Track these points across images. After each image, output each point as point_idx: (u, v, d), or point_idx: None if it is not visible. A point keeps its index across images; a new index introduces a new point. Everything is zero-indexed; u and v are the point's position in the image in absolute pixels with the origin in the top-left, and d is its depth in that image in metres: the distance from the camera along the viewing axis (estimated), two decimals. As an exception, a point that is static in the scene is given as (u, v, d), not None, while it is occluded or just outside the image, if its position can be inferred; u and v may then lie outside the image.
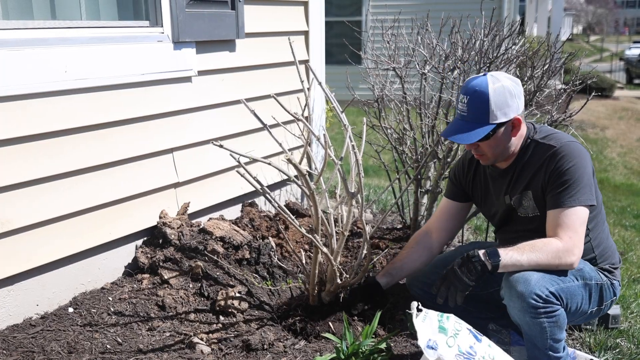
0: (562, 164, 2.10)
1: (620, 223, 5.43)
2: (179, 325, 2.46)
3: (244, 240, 2.92)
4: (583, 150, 2.14)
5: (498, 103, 2.10)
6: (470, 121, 2.15)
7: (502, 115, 2.11)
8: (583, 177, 2.07)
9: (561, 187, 2.08)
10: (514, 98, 2.12)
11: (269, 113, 2.50)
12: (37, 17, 2.50)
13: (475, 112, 2.13)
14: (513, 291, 2.04)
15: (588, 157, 2.14)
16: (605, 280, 2.22)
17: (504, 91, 2.10)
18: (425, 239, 2.51)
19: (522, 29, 4.68)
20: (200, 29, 2.98)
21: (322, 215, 2.41)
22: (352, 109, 7.11)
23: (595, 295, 2.19)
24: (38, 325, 2.38)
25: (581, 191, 2.06)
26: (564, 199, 2.07)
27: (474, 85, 2.14)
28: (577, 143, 2.16)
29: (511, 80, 2.15)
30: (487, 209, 2.50)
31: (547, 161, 2.14)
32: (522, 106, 2.16)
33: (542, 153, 2.17)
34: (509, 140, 2.19)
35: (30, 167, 2.35)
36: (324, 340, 2.33)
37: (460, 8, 4.01)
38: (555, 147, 2.13)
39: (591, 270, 2.19)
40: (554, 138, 2.18)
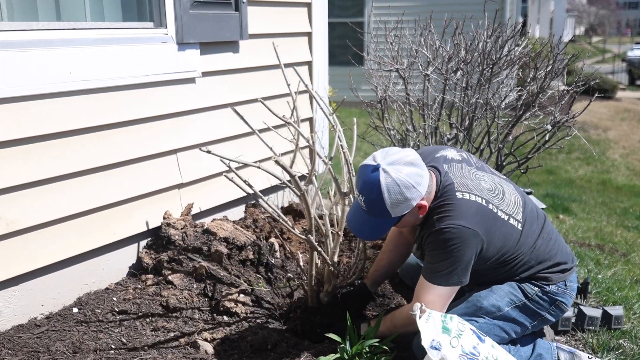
0: (434, 245, 2.08)
1: (623, 224, 5.42)
2: (183, 325, 2.47)
3: (247, 241, 2.93)
4: (462, 237, 2.03)
5: (394, 202, 2.03)
6: (373, 215, 2.10)
7: (404, 208, 2.06)
8: (450, 263, 2.04)
9: (430, 260, 2.11)
10: (412, 189, 2.02)
11: (272, 115, 2.51)
12: (42, 18, 2.51)
13: (375, 211, 2.08)
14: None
15: (465, 245, 2.03)
16: (533, 293, 2.21)
17: (400, 189, 2.01)
18: (400, 237, 2.54)
19: (524, 31, 4.69)
20: (204, 30, 2.99)
21: (315, 216, 2.42)
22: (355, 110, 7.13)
23: (521, 316, 2.22)
24: (43, 325, 2.39)
25: (445, 274, 2.06)
26: (429, 273, 2.11)
27: (366, 184, 2.05)
28: (460, 228, 2.03)
29: (407, 165, 2.03)
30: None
31: (427, 235, 2.12)
32: (424, 186, 2.06)
33: (428, 224, 2.12)
34: (417, 217, 2.14)
35: (35, 167, 2.37)
36: (327, 341, 2.34)
37: (463, 9, 4.00)
38: (435, 227, 2.07)
39: (500, 299, 2.20)
40: (442, 212, 2.08)
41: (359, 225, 2.17)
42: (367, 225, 2.14)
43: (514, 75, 3.45)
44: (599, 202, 6.51)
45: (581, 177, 7.90)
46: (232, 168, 2.14)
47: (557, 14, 23.21)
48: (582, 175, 8.04)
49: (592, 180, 7.79)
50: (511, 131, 3.25)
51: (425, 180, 2.08)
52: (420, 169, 2.07)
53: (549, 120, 3.14)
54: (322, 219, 2.46)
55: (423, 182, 2.06)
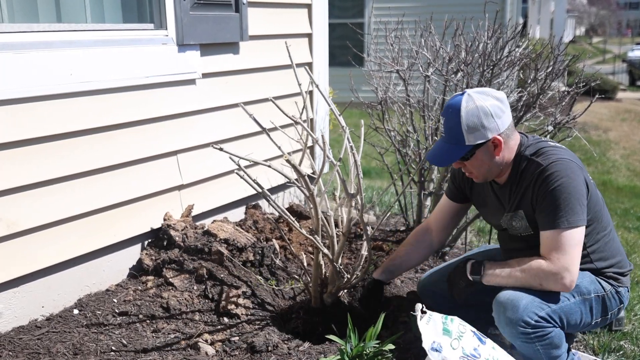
0: (548, 185, 2.03)
1: (624, 225, 5.41)
2: (184, 326, 2.47)
3: (247, 242, 2.93)
4: (572, 167, 2.06)
5: (471, 125, 2.03)
6: (448, 142, 2.11)
7: (477, 137, 2.05)
8: (570, 197, 2.00)
9: (548, 208, 2.03)
10: (491, 118, 2.03)
11: (275, 116, 2.51)
12: (43, 20, 2.51)
13: (451, 134, 2.08)
14: (502, 317, 2.04)
15: (577, 173, 2.05)
16: (609, 289, 2.17)
17: (478, 112, 2.03)
18: (425, 237, 2.52)
19: (525, 31, 4.69)
20: (204, 32, 2.99)
21: (322, 217, 2.42)
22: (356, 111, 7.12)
23: (597, 307, 2.16)
24: (43, 326, 2.39)
25: (569, 213, 2.00)
26: (552, 221, 2.02)
27: (449, 106, 2.09)
28: (567, 160, 2.06)
29: (491, 97, 2.06)
30: (486, 218, 2.50)
31: (534, 180, 2.07)
32: (504, 124, 2.07)
33: (531, 171, 2.10)
34: (492, 159, 2.12)
35: (35, 169, 2.37)
36: (328, 342, 2.34)
37: (463, 10, 4.01)
38: (542, 165, 2.06)
39: (590, 284, 2.15)
40: (543, 154, 2.09)
41: (433, 151, 2.18)
42: (440, 151, 2.14)
43: (514, 76, 3.44)
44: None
45: (582, 178, 7.87)
46: (241, 167, 2.13)
47: (558, 14, 23.21)
48: (582, 176, 8.01)
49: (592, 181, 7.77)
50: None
51: (507, 119, 2.09)
52: (504, 106, 2.08)
53: (550, 121, 3.14)
54: (327, 220, 2.46)
55: (504, 117, 2.08)
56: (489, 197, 2.33)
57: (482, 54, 3.14)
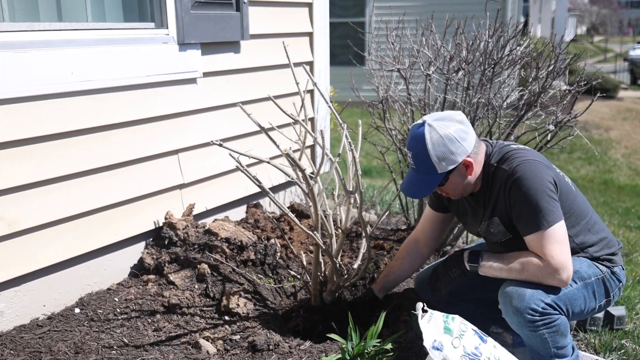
0: (518, 189, 2.05)
1: (625, 224, 5.41)
2: (185, 325, 2.47)
3: (249, 241, 2.93)
4: (537, 167, 2.08)
5: (440, 155, 2.06)
6: (420, 174, 2.14)
7: (448, 163, 2.08)
8: (542, 196, 2.02)
9: (524, 213, 2.05)
10: (457, 143, 2.07)
11: (275, 114, 2.51)
12: (44, 19, 2.51)
13: (422, 166, 2.11)
14: (508, 306, 2.05)
15: (543, 171, 2.07)
16: (605, 270, 2.20)
17: (444, 141, 2.05)
18: (415, 249, 2.54)
19: (526, 30, 4.68)
20: (205, 31, 2.99)
21: (321, 214, 2.42)
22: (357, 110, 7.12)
23: (599, 290, 2.19)
24: (45, 325, 2.39)
25: (546, 212, 2.02)
26: (532, 225, 2.04)
27: (413, 138, 2.11)
28: (529, 160, 2.09)
29: (452, 122, 2.09)
30: (466, 228, 2.52)
31: (503, 187, 2.11)
32: (470, 144, 2.10)
33: (498, 179, 2.13)
34: (465, 179, 2.15)
35: (36, 168, 2.37)
36: (329, 341, 2.34)
37: (464, 9, 4.00)
38: (508, 171, 2.09)
39: (588, 267, 2.17)
40: (508, 160, 2.13)
41: (407, 184, 2.20)
42: (415, 183, 2.17)
43: (515, 75, 3.44)
44: (601, 202, 6.50)
45: (583, 177, 7.89)
46: (240, 163, 2.13)
47: (559, 13, 23.19)
48: (584, 175, 8.02)
49: (594, 180, 7.78)
50: (513, 131, 3.25)
51: (471, 139, 2.11)
52: (466, 127, 2.11)
53: (551, 120, 3.14)
54: (326, 219, 2.46)
55: (469, 139, 2.10)
56: (465, 208, 2.35)
57: (483, 53, 3.14)
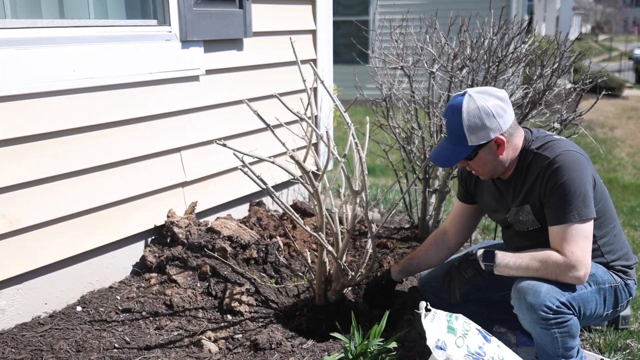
0: (556, 178, 2.01)
1: (630, 223, 5.38)
2: (187, 324, 2.46)
3: (251, 240, 2.92)
4: (579, 159, 2.05)
5: (472, 126, 2.02)
6: (450, 143, 2.10)
7: (480, 137, 2.04)
8: (579, 190, 1.99)
9: (559, 202, 2.01)
10: (493, 118, 2.02)
11: (277, 112, 2.50)
12: (46, 16, 2.51)
13: (453, 134, 2.07)
14: (522, 302, 2.02)
15: (585, 166, 2.04)
16: (619, 281, 2.18)
17: (479, 113, 2.01)
18: (443, 239, 2.50)
19: (530, 28, 4.66)
20: (208, 28, 2.98)
21: (326, 214, 2.40)
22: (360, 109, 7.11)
23: (610, 298, 2.16)
24: (46, 323, 2.38)
25: (579, 206, 1.99)
26: (562, 215, 2.00)
27: (450, 107, 2.08)
28: (573, 152, 2.05)
29: (493, 97, 2.04)
30: (491, 215, 2.48)
31: (541, 174, 2.06)
32: (507, 123, 2.06)
33: (537, 165, 2.08)
34: (496, 158, 2.10)
35: (37, 165, 2.36)
36: (331, 340, 2.33)
37: (468, 7, 3.98)
38: (550, 158, 2.04)
39: (604, 274, 2.15)
40: (550, 147, 2.08)
41: (437, 152, 2.16)
42: (443, 152, 2.13)
43: (520, 73, 3.42)
44: (606, 201, 6.46)
45: (588, 176, 7.83)
46: (245, 163, 2.12)
47: (564, 11, 23.12)
48: (588, 174, 7.97)
49: (598, 179, 7.73)
50: (517, 129, 3.22)
51: (509, 117, 2.07)
52: (506, 105, 2.07)
53: (556, 118, 3.12)
54: (331, 217, 2.45)
55: (506, 117, 2.06)
56: (493, 194, 2.31)
57: (487, 51, 3.12)
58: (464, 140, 2.06)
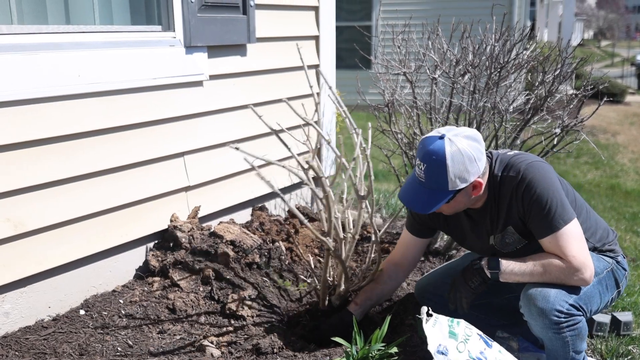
0: (529, 193, 2.03)
1: (632, 229, 5.38)
2: (190, 328, 2.47)
3: (254, 244, 2.93)
4: (542, 167, 2.08)
5: (457, 172, 2.01)
6: (428, 188, 2.07)
7: (461, 182, 2.03)
8: (554, 196, 2.01)
9: (540, 214, 2.03)
10: (474, 162, 2.02)
11: (281, 118, 2.52)
12: (52, 22, 2.53)
13: (433, 180, 2.04)
14: (533, 308, 2.02)
15: (549, 171, 2.08)
16: (612, 261, 2.20)
17: (463, 158, 2.00)
18: (396, 271, 2.53)
19: (532, 34, 4.67)
20: (212, 34, 3.00)
21: (334, 218, 2.42)
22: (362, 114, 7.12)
23: (610, 283, 2.19)
24: (50, 327, 2.39)
25: (560, 210, 2.01)
26: (549, 225, 2.02)
27: (430, 151, 2.02)
28: (536, 162, 2.09)
29: (470, 139, 2.04)
30: (469, 247, 2.46)
31: (514, 194, 2.07)
32: (483, 165, 2.07)
33: (507, 186, 2.10)
34: (469, 198, 2.11)
35: (43, 170, 2.38)
36: (333, 345, 2.33)
37: (470, 13, 4.00)
38: (516, 177, 2.06)
39: (598, 262, 2.16)
40: (512, 166, 2.10)
41: (412, 197, 2.13)
42: (420, 197, 2.10)
43: (522, 79, 3.43)
44: (608, 207, 6.47)
45: (590, 182, 7.85)
46: (255, 167, 2.14)
47: (566, 17, 23.14)
48: (590, 180, 7.99)
49: (600, 184, 7.74)
50: (519, 135, 3.24)
51: (484, 159, 2.08)
52: (481, 146, 2.07)
53: (558, 124, 3.13)
54: (336, 222, 2.46)
55: (482, 159, 2.07)
56: (466, 225, 2.31)
57: (489, 57, 3.13)
58: (444, 186, 2.03)
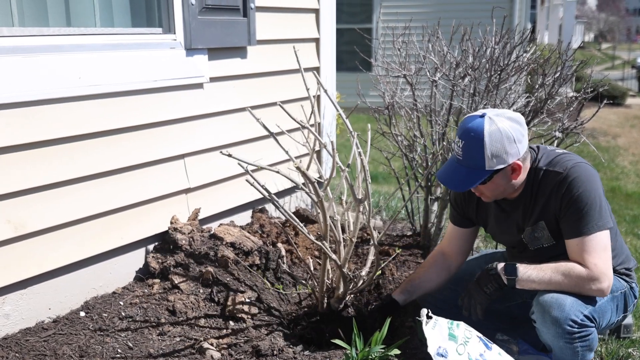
0: (572, 191, 2.00)
1: (633, 232, 5.37)
2: (189, 330, 2.47)
3: (254, 246, 2.93)
4: (590, 170, 2.05)
5: (494, 151, 1.98)
6: (465, 166, 2.04)
7: (499, 162, 2.00)
8: (595, 201, 1.98)
9: (576, 214, 1.99)
10: (513, 143, 1.99)
11: (281, 120, 2.52)
12: (53, 24, 2.53)
13: (470, 158, 2.02)
14: (547, 316, 1.99)
15: (596, 176, 2.05)
16: (625, 286, 2.18)
17: (502, 137, 1.97)
18: (442, 260, 2.44)
19: (533, 37, 4.68)
20: (212, 36, 3.00)
21: (330, 222, 2.42)
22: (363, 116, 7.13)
23: (620, 304, 2.17)
24: (50, 328, 2.39)
25: (597, 216, 1.98)
26: (581, 227, 1.99)
27: (469, 128, 2.01)
28: (583, 164, 2.07)
29: (512, 121, 2.01)
30: (498, 238, 2.44)
31: (555, 189, 2.04)
32: (524, 148, 2.04)
33: (549, 181, 2.06)
34: (509, 182, 2.08)
35: (43, 172, 2.38)
36: (333, 347, 2.33)
37: (471, 16, 4.00)
38: (562, 172, 2.03)
39: (616, 281, 2.14)
40: (559, 162, 2.08)
41: (450, 175, 2.11)
42: (457, 175, 2.07)
43: (522, 81, 3.44)
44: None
45: (590, 184, 7.83)
46: (249, 172, 2.14)
47: (566, 20, 23.16)
48: (591, 182, 7.97)
49: (601, 187, 7.73)
50: (519, 138, 3.23)
51: (525, 142, 2.04)
52: (524, 130, 2.04)
53: (558, 127, 3.13)
54: (334, 225, 2.46)
55: (523, 142, 2.03)
56: (497, 216, 2.28)
57: (489, 59, 3.14)
58: (482, 165, 2.00)
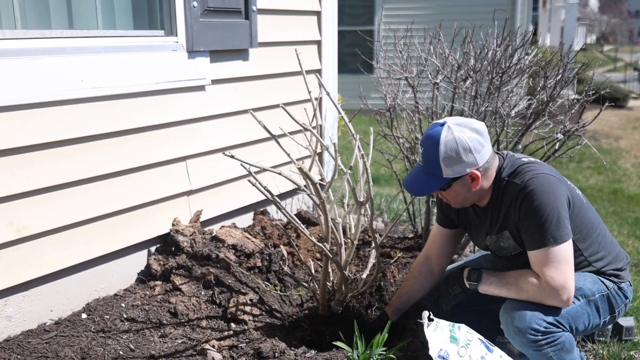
0: (528, 203, 2.01)
1: (635, 234, 5.37)
2: (191, 332, 2.47)
3: (255, 249, 2.93)
4: (550, 181, 2.04)
5: (447, 160, 2.02)
6: (426, 172, 2.10)
7: (454, 171, 2.04)
8: (552, 213, 1.98)
9: (533, 227, 2.01)
10: (469, 153, 2.01)
11: (283, 122, 2.52)
12: (55, 27, 2.54)
13: (429, 165, 2.07)
14: (510, 327, 2.02)
15: (556, 187, 2.03)
16: (612, 286, 2.16)
17: (457, 146, 2.00)
18: (426, 267, 2.47)
19: (534, 39, 4.68)
20: (214, 39, 3.01)
21: (331, 224, 2.42)
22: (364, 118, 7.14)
23: (603, 306, 2.15)
24: (52, 330, 2.40)
25: (553, 229, 1.98)
26: (538, 239, 2.00)
27: (428, 136, 2.06)
28: (543, 174, 2.05)
29: (472, 131, 2.03)
30: (476, 242, 2.46)
31: (514, 200, 2.06)
32: (483, 158, 2.05)
33: (510, 192, 2.08)
34: (469, 191, 2.11)
35: (45, 174, 2.38)
36: (335, 349, 2.33)
37: (472, 18, 4.01)
38: (520, 185, 2.05)
39: (593, 284, 2.13)
40: (520, 173, 2.08)
41: (412, 180, 2.16)
42: (418, 181, 2.13)
43: (523, 83, 3.44)
44: (610, 212, 6.45)
45: (592, 187, 7.84)
46: (252, 173, 2.14)
47: (568, 22, 23.16)
48: (593, 185, 7.97)
49: (603, 189, 7.73)
50: (521, 140, 3.24)
51: (486, 152, 2.07)
52: (484, 139, 2.06)
53: (559, 129, 3.13)
54: (335, 227, 2.46)
55: (483, 152, 2.05)
56: (473, 221, 2.31)
57: (491, 62, 3.14)
58: (439, 172, 2.06)
